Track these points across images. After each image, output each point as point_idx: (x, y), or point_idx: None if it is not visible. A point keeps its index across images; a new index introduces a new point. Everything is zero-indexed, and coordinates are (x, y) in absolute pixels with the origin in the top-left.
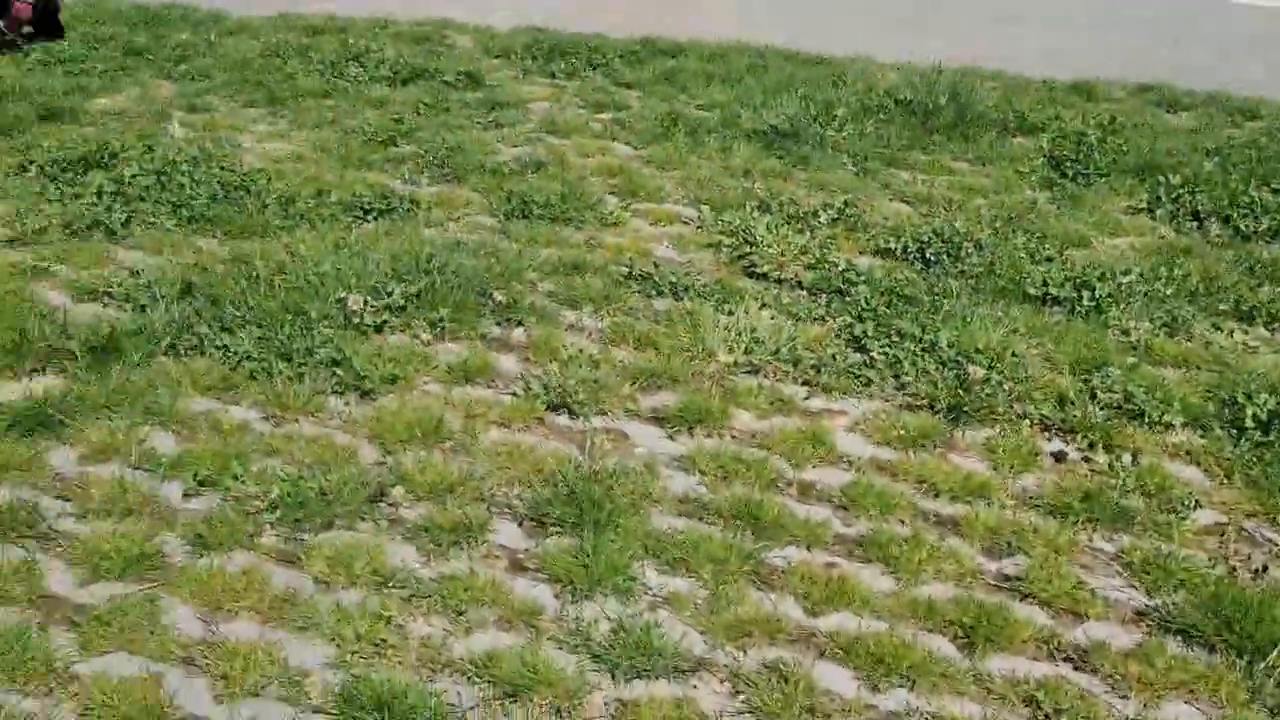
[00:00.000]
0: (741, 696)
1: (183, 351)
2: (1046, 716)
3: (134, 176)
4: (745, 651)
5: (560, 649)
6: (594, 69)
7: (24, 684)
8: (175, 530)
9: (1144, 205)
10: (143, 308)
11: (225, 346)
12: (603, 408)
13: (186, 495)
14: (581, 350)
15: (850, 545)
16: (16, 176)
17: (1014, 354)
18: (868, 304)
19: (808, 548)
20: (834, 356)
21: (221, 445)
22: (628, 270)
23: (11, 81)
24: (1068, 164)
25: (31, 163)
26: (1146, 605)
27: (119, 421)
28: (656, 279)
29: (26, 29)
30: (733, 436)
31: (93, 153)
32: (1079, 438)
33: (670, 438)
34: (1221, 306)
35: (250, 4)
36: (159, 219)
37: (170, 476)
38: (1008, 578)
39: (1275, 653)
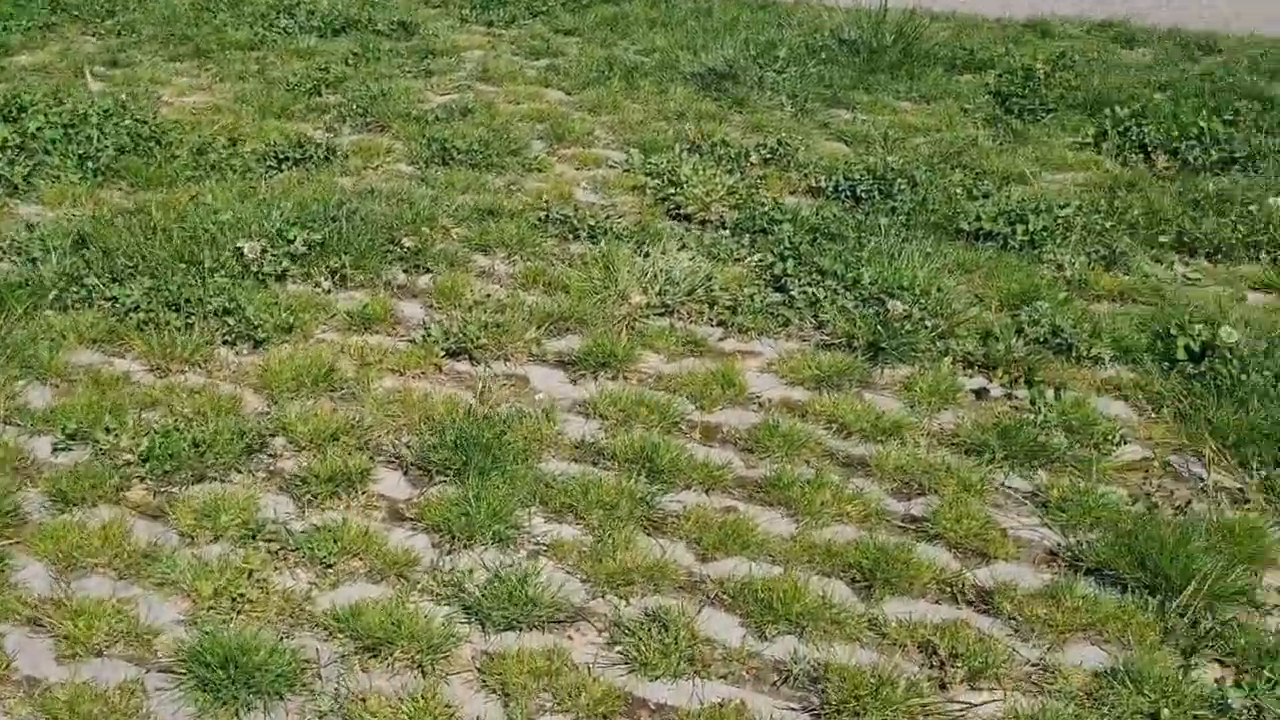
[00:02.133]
0: (618, 647)
1: (70, 304)
2: (942, 661)
3: (39, 129)
4: (627, 600)
5: (431, 601)
6: (534, 17)
7: None
8: (39, 486)
9: (1090, 140)
10: (33, 261)
11: (114, 298)
12: (505, 353)
13: (55, 450)
14: (489, 295)
15: (751, 489)
16: None
17: (939, 290)
18: (790, 242)
19: (706, 492)
20: (752, 297)
21: (98, 398)
22: (545, 214)
23: None
24: (1014, 100)
25: None
26: (1059, 545)
27: None
28: (575, 222)
29: None
30: (639, 380)
31: None
32: (1001, 374)
33: (573, 382)
34: (1163, 239)
35: None
36: (64, 172)
37: (40, 431)
38: (915, 519)
39: (1189, 590)
